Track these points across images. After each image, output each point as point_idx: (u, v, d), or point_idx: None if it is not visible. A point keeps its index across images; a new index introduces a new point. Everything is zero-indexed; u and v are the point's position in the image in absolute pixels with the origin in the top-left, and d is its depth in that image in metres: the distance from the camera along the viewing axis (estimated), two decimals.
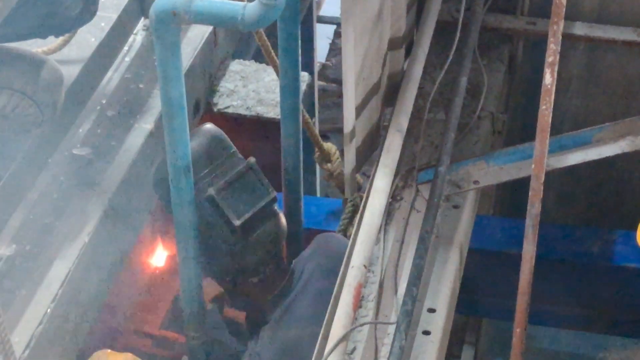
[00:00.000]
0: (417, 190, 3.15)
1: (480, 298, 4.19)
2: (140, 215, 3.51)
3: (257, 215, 3.05)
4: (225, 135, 3.14)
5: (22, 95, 2.87)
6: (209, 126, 3.17)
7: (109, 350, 3.17)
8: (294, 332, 3.10)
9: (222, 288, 3.32)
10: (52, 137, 3.36)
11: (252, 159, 3.09)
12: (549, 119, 2.38)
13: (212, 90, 4.07)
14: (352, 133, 3.07)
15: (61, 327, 2.97)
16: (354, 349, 2.66)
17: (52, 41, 3.39)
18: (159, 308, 4.44)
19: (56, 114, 3.05)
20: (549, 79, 2.30)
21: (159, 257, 4.46)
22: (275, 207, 3.13)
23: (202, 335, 3.33)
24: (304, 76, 3.93)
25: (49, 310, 2.91)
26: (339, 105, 2.97)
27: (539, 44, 3.78)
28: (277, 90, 3.39)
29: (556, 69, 2.30)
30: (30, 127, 2.99)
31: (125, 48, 3.78)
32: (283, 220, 3.16)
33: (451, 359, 4.42)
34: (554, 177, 4.35)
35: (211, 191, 3.00)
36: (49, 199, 3.25)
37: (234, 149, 3.13)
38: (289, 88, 3.24)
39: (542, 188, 2.47)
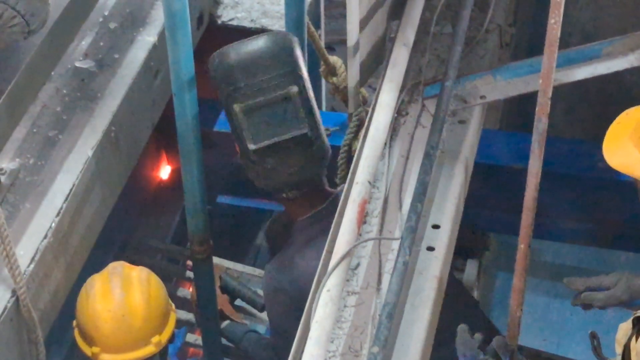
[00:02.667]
0: (423, 105, 3.12)
1: (485, 212, 4.19)
2: (144, 129, 3.50)
3: (280, 145, 2.93)
4: (298, 51, 3.00)
5: (5, 6, 2.82)
6: (281, 34, 3.03)
7: (125, 262, 3.16)
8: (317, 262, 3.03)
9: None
10: (55, 49, 3.32)
11: (293, 89, 2.93)
12: (557, 32, 2.33)
13: (215, 1, 4.01)
14: (356, 46, 3.03)
15: (66, 241, 2.98)
16: (358, 264, 2.67)
17: None
18: (164, 222, 4.46)
19: (44, 24, 3.00)
20: None
21: (164, 171, 4.46)
22: (312, 137, 2.97)
23: (206, 249, 3.35)
24: None
25: (53, 224, 2.92)
26: (345, 17, 2.92)
27: None
28: (282, 1, 3.34)
29: None
30: (18, 37, 2.95)
31: None
32: (318, 149, 3.01)
33: (455, 272, 4.43)
34: (561, 91, 4.31)
35: (237, 108, 2.91)
36: (52, 112, 3.23)
37: (295, 67, 2.96)
38: None
39: (549, 103, 2.43)
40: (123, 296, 2.97)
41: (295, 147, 2.97)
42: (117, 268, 3.06)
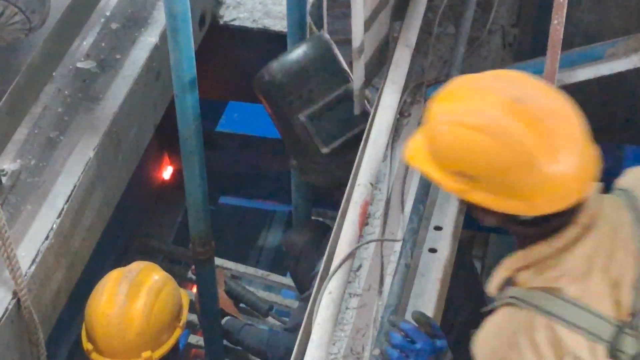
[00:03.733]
0: (426, 107, 3.11)
1: None
2: (146, 129, 3.49)
3: (348, 141, 2.99)
4: (335, 49, 3.02)
5: (6, 3, 2.83)
6: (316, 38, 3.05)
7: (150, 265, 3.08)
8: None
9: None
10: (56, 50, 3.32)
11: (349, 86, 2.97)
12: (560, 33, 2.33)
13: (218, 1, 4.01)
14: (361, 48, 3.02)
15: (67, 242, 2.98)
16: (360, 266, 2.66)
17: None
18: (166, 223, 4.46)
19: (44, 21, 3.00)
20: None
21: (165, 171, 4.46)
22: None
23: (208, 250, 3.34)
24: None
25: (54, 225, 2.91)
26: (348, 16, 2.91)
27: None
28: (284, 1, 3.33)
29: None
30: (19, 34, 2.95)
31: None
32: None
33: None
34: (564, 92, 4.30)
35: (302, 117, 2.93)
36: (53, 112, 3.23)
37: (343, 66, 3.01)
38: None
39: None
40: (125, 304, 2.89)
41: (359, 139, 2.96)
42: (133, 271, 2.97)
